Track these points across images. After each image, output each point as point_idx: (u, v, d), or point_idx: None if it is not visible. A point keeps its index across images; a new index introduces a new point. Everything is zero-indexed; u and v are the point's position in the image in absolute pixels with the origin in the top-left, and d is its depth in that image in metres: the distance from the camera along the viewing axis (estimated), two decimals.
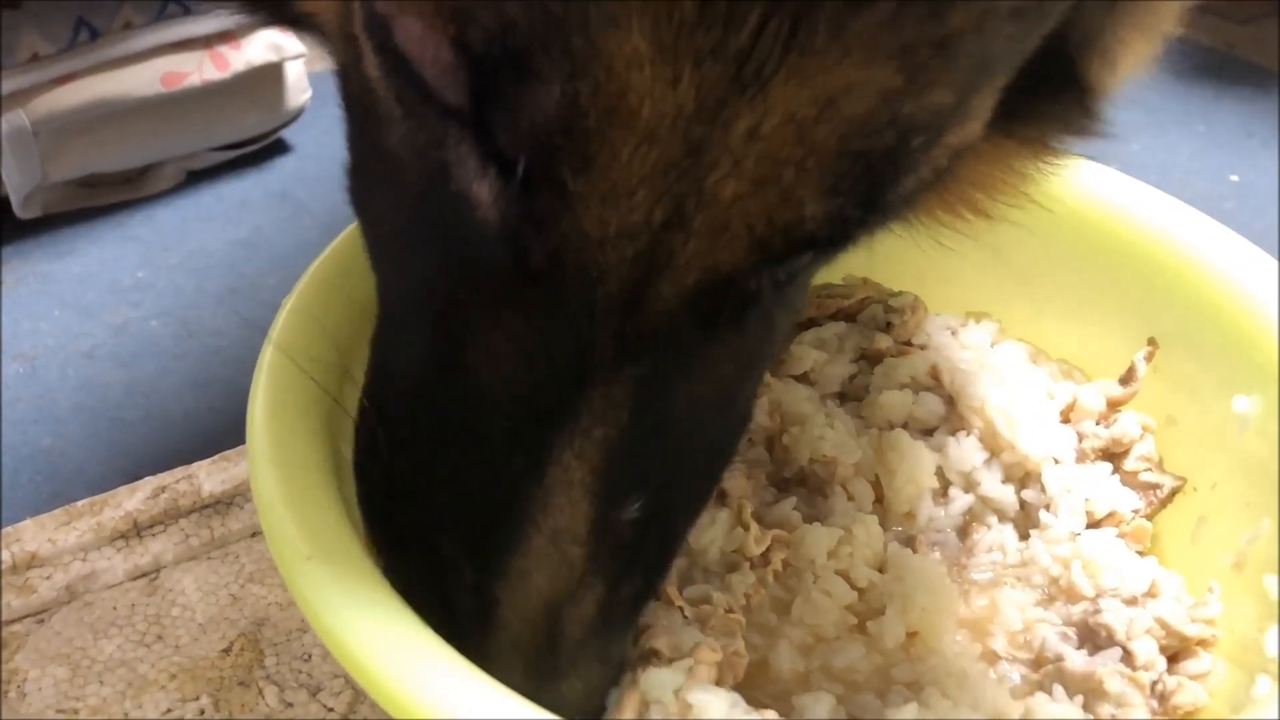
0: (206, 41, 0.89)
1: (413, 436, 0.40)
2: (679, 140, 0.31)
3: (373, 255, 0.43)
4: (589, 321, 0.34)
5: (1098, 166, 0.57)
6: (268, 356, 0.48)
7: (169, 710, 0.54)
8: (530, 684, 0.38)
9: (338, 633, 0.38)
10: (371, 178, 0.41)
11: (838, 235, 0.34)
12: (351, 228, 0.53)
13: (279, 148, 1.01)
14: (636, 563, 0.40)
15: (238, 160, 0.99)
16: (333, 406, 0.48)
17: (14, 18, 0.83)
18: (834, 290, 0.61)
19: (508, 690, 0.37)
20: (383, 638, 0.38)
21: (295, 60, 0.95)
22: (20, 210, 0.89)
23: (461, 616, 0.39)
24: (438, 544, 0.39)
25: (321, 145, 1.02)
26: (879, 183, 0.33)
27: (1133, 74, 0.44)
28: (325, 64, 0.44)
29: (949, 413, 0.57)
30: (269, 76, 0.93)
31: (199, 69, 0.89)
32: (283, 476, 0.43)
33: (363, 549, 0.42)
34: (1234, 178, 1.02)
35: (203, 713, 0.54)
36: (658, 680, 0.44)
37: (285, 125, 0.99)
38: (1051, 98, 0.42)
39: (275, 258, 0.90)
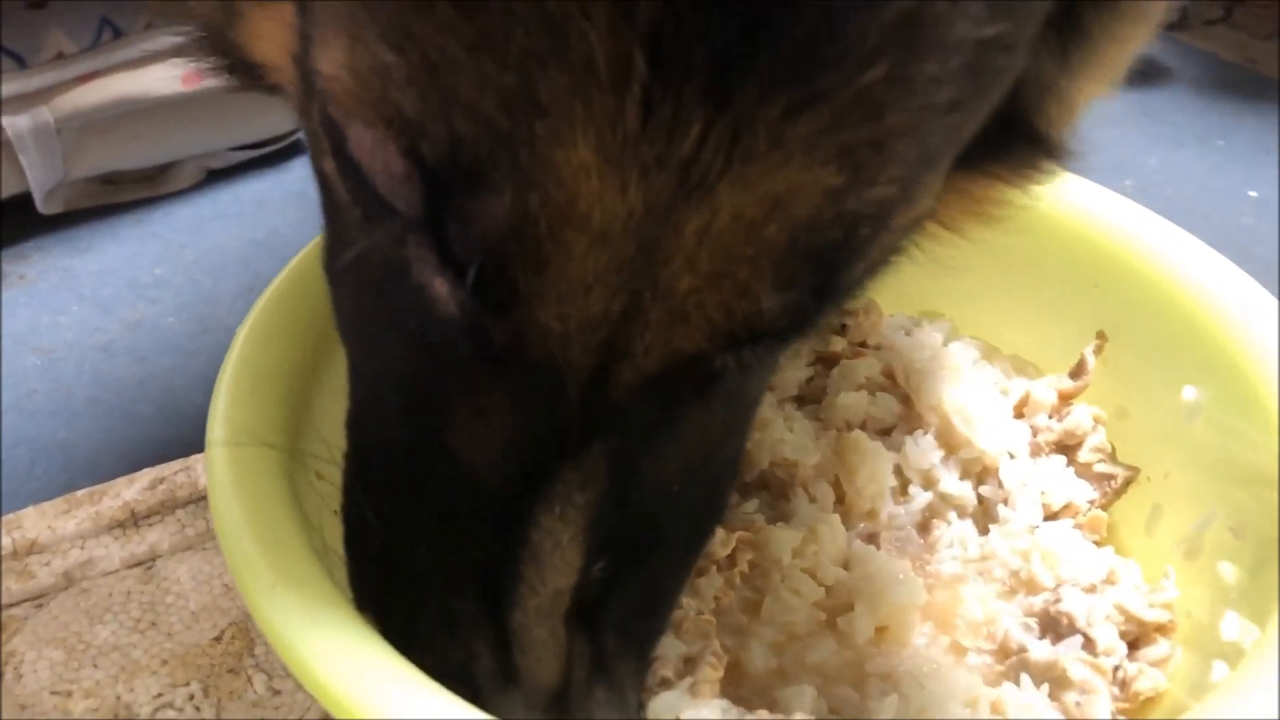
0: None
1: (399, 511, 0.41)
2: (631, 240, 0.32)
3: (341, 326, 0.44)
4: (556, 403, 0.35)
5: None
6: (225, 382, 0.49)
7: (159, 694, 0.56)
8: None
9: (303, 659, 0.39)
10: (339, 258, 0.42)
11: (795, 323, 0.35)
12: (301, 254, 0.55)
13: (297, 148, 1.02)
14: (627, 615, 0.41)
15: (256, 160, 1.00)
16: (292, 428, 0.49)
17: (40, 17, 0.85)
18: None
19: (476, 711, 0.37)
20: (348, 662, 0.38)
21: None
22: (42, 206, 0.90)
23: (480, 677, 0.40)
24: (441, 612, 0.40)
25: None
26: (831, 273, 0.34)
27: (1087, 109, 0.45)
28: None
29: (905, 412, 0.58)
30: None
31: None
32: (244, 503, 0.44)
33: (325, 574, 0.42)
34: (1252, 194, 1.01)
35: (192, 698, 0.56)
36: (665, 704, 0.45)
37: None
38: (1009, 147, 0.43)
39: (291, 257, 0.90)
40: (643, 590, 0.41)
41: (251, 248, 0.92)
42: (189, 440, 0.71)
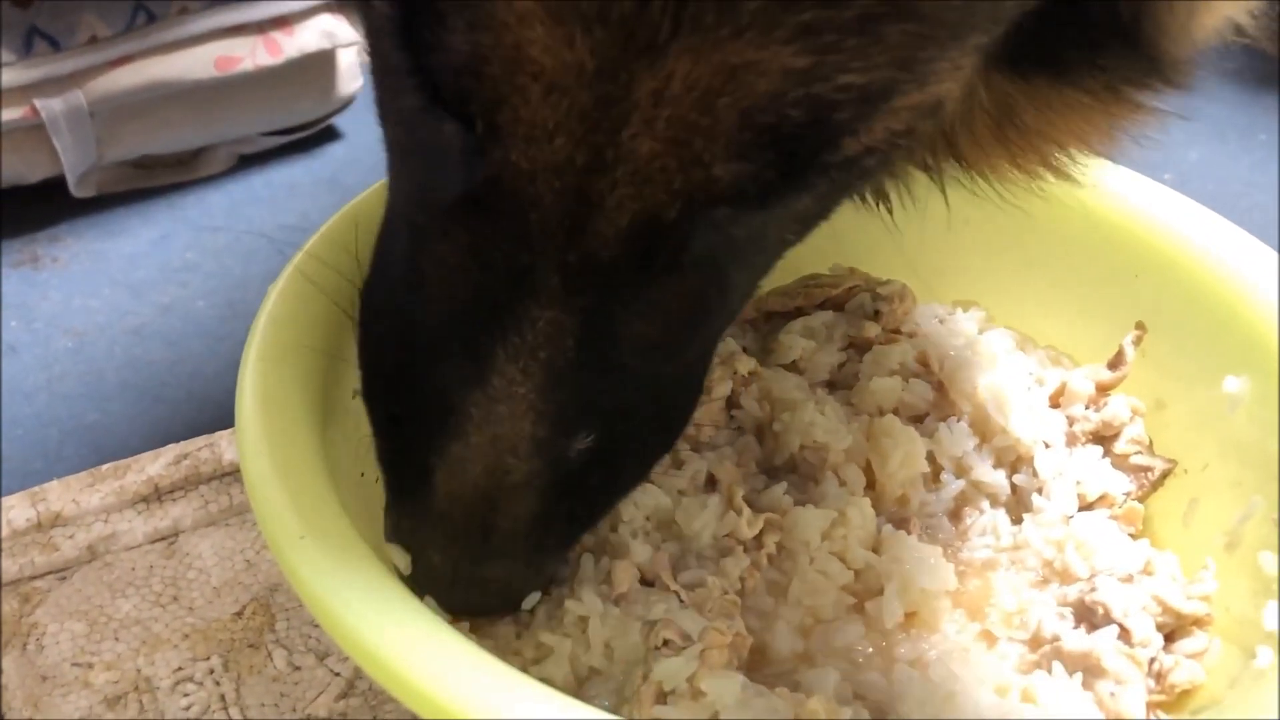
0: (260, 27, 0.91)
1: (392, 328, 0.43)
2: (586, 93, 0.32)
3: (388, 167, 0.45)
4: (525, 246, 0.36)
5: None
6: (256, 339, 0.49)
7: (180, 668, 0.56)
8: (453, 559, 0.42)
9: (331, 610, 0.39)
10: (382, 87, 0.42)
11: (762, 195, 0.35)
12: (337, 216, 0.55)
13: (329, 134, 1.02)
14: (578, 491, 0.42)
15: (288, 146, 1.00)
16: (322, 386, 0.49)
17: (74, 0, 0.85)
18: (821, 280, 0.61)
19: (505, 665, 0.38)
20: (377, 614, 0.39)
21: (348, 48, 0.96)
22: (76, 189, 0.90)
23: (407, 485, 0.42)
24: (401, 422, 0.42)
25: (372, 133, 1.02)
26: (799, 152, 0.34)
27: (1209, 34, 0.41)
28: None
29: (939, 399, 0.56)
30: (321, 63, 0.95)
31: (252, 54, 0.91)
32: (273, 456, 0.44)
33: (352, 527, 0.42)
34: None
35: (212, 672, 0.56)
36: (671, 669, 0.44)
37: (336, 112, 1.00)
38: (1102, 50, 0.40)
39: None
40: (592, 471, 0.41)
41: (282, 233, 0.92)
42: (219, 423, 0.71)
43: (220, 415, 0.73)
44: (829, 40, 0.31)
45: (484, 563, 0.41)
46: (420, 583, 0.43)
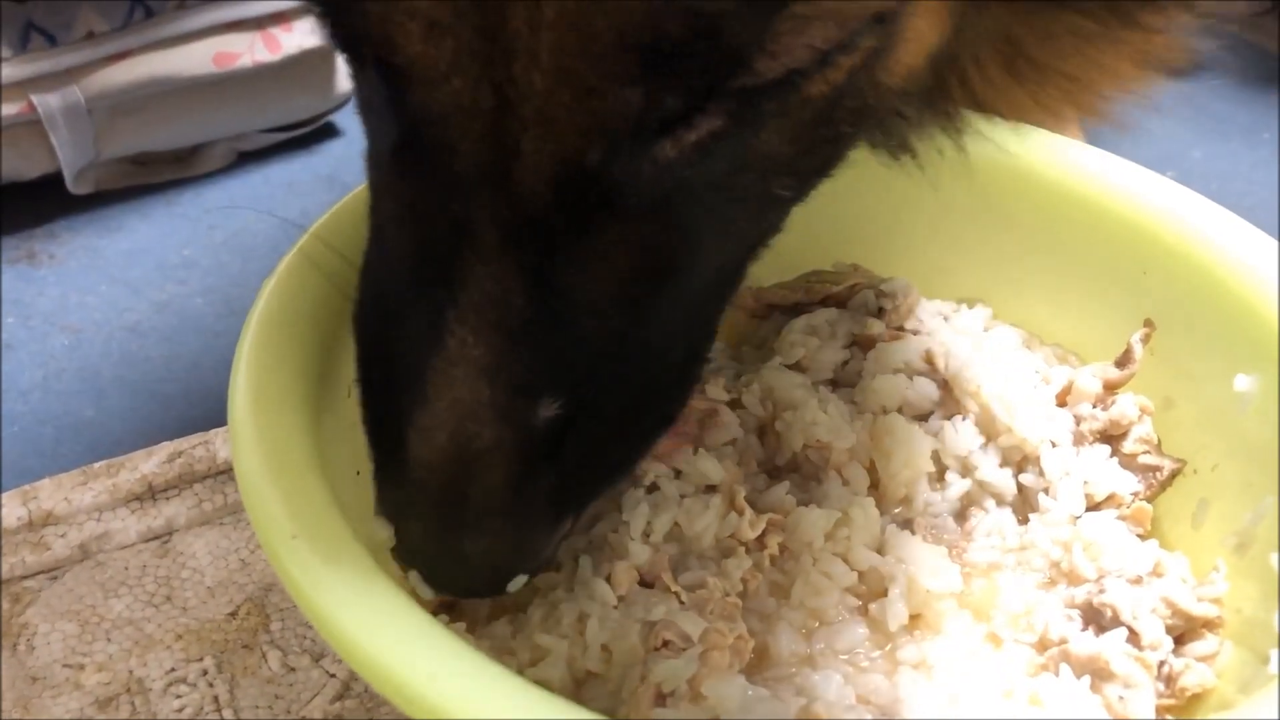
0: (259, 23, 0.90)
1: (370, 296, 0.42)
2: (467, 27, 0.32)
3: None
4: (457, 199, 0.35)
5: (1086, 146, 0.55)
6: (250, 335, 0.48)
7: (173, 669, 0.55)
8: (433, 530, 0.39)
9: (324, 610, 0.39)
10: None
11: (664, 127, 0.34)
12: (332, 211, 0.54)
13: (328, 131, 1.02)
14: (559, 465, 0.39)
15: (287, 143, 0.99)
16: (317, 382, 0.48)
17: None
18: (824, 276, 0.60)
19: (500, 667, 0.37)
20: (370, 614, 0.38)
21: None
22: (73, 186, 0.90)
23: (387, 454, 0.40)
24: (378, 390, 0.41)
25: None
26: (699, 76, 0.32)
27: None
28: None
29: (944, 397, 0.56)
30: (320, 60, 0.94)
31: (251, 50, 0.90)
32: (266, 455, 0.43)
33: (347, 526, 0.42)
34: None
35: (206, 673, 0.55)
36: (670, 670, 0.43)
37: (335, 109, 1.00)
38: None
39: None
40: (575, 440, 0.39)
41: (281, 230, 0.91)
42: (215, 421, 0.70)
43: (217, 412, 0.72)
44: None
45: (464, 535, 0.39)
46: (404, 556, 0.41)
